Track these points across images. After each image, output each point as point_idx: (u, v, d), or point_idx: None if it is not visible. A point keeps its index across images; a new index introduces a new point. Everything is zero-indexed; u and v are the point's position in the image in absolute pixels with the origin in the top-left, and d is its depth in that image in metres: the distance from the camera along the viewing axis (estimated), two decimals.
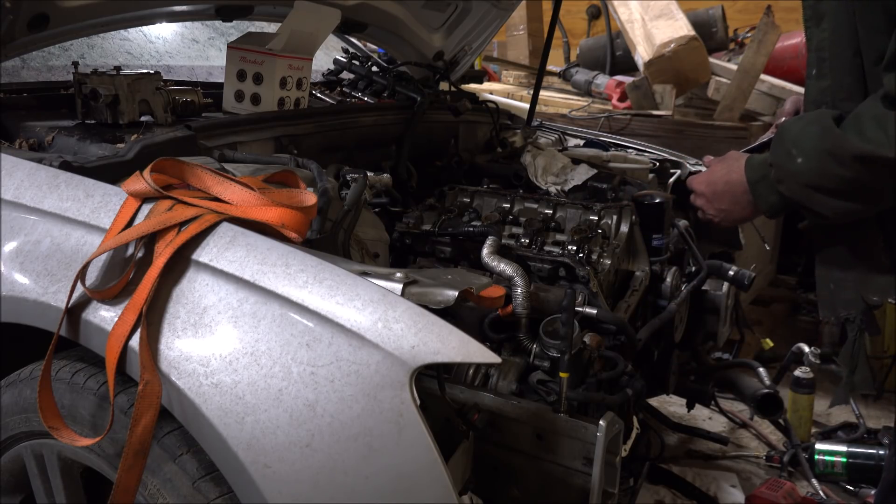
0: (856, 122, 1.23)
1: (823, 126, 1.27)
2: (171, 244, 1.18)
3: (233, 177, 1.31)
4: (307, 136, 2.00)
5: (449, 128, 2.56)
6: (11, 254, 1.31)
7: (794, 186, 1.32)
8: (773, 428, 2.99)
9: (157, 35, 2.62)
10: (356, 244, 1.65)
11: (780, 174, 1.33)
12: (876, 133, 1.19)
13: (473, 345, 1.07)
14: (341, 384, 1.06)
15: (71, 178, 1.34)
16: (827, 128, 1.26)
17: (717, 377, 2.26)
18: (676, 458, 2.82)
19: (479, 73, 3.71)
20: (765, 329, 3.60)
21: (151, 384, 1.12)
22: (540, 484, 1.33)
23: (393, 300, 1.09)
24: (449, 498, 1.04)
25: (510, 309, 1.58)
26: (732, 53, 4.45)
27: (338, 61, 2.68)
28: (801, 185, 1.30)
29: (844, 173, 1.24)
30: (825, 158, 1.25)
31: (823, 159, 1.26)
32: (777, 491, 2.46)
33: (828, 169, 1.25)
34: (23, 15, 1.66)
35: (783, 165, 1.33)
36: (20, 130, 1.63)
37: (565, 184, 2.26)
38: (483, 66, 4.77)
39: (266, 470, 1.07)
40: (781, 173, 1.33)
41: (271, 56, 1.99)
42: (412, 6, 2.63)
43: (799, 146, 1.30)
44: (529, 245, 1.85)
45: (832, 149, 1.24)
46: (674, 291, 1.98)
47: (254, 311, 1.13)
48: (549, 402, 1.34)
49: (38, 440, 1.37)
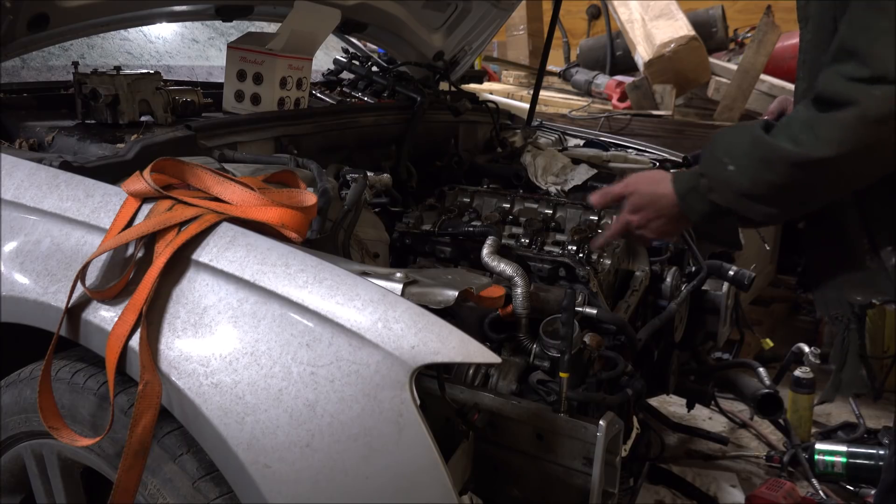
0: (786, 128, 1.26)
1: (753, 135, 1.30)
2: (171, 244, 1.18)
3: (233, 177, 1.31)
4: (307, 136, 2.00)
5: (449, 128, 2.56)
6: (11, 254, 1.31)
7: (727, 195, 1.33)
8: (773, 428, 2.99)
9: (157, 35, 2.62)
10: (356, 244, 1.65)
11: (712, 183, 1.35)
12: (806, 136, 1.21)
13: (473, 345, 1.07)
14: (341, 384, 1.06)
15: (71, 178, 1.34)
16: (757, 136, 1.29)
17: (717, 377, 2.26)
18: (676, 458, 2.82)
19: (479, 73, 3.71)
20: (765, 329, 3.60)
21: (151, 384, 1.12)
22: (540, 484, 1.33)
23: (393, 300, 1.09)
24: (449, 498, 1.04)
25: (510, 309, 1.58)
26: (732, 53, 4.46)
27: (338, 61, 2.68)
28: (733, 193, 1.32)
29: (776, 179, 1.26)
30: (757, 166, 1.28)
31: (755, 167, 1.28)
32: (777, 491, 2.46)
33: (760, 176, 1.28)
34: (23, 15, 1.66)
35: (715, 175, 1.35)
36: (20, 130, 1.63)
37: (565, 184, 2.26)
38: (483, 66, 4.77)
39: (266, 470, 1.07)
40: (713, 182, 1.35)
41: (271, 56, 1.99)
42: (412, 6, 2.63)
43: (731, 155, 1.32)
44: (529, 245, 1.85)
45: (764, 156, 1.27)
46: (674, 291, 1.98)
47: (254, 311, 1.13)
48: (549, 402, 1.34)
49: (38, 440, 1.37)
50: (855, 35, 1.19)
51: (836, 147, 1.19)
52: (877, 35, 1.16)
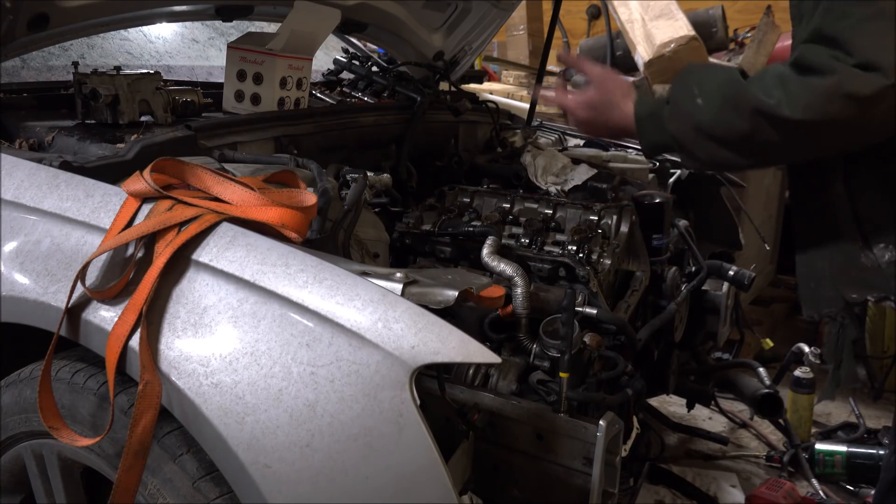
0: (760, 77, 1.27)
1: (729, 74, 1.31)
2: (171, 244, 1.18)
3: (233, 177, 1.31)
4: (307, 136, 2.00)
5: (449, 128, 2.56)
6: (11, 254, 1.31)
7: (685, 127, 1.34)
8: (773, 428, 2.99)
9: (157, 35, 2.62)
10: (356, 244, 1.65)
11: (675, 112, 1.36)
12: (776, 90, 1.21)
13: (473, 345, 1.07)
14: (341, 384, 1.06)
15: (71, 178, 1.34)
16: (732, 76, 1.30)
17: (717, 377, 2.26)
18: (676, 458, 2.82)
19: (479, 73, 3.71)
20: (765, 329, 3.60)
21: (151, 384, 1.12)
22: (540, 484, 1.33)
23: (393, 300, 1.09)
24: (449, 498, 1.05)
25: (510, 309, 1.58)
26: (732, 53, 4.45)
27: (338, 61, 2.68)
28: (691, 127, 1.33)
29: (737, 123, 1.27)
30: (725, 105, 1.28)
31: (723, 105, 1.28)
32: (777, 491, 2.46)
33: (724, 116, 1.28)
34: (23, 15, 1.66)
35: (681, 104, 1.35)
36: (20, 130, 1.63)
37: (565, 184, 2.26)
38: (483, 66, 4.76)
39: (266, 470, 1.07)
40: (676, 112, 1.35)
41: (271, 56, 1.99)
42: (412, 6, 2.63)
43: (702, 88, 1.32)
44: (529, 245, 1.85)
45: (733, 96, 1.27)
46: (674, 291, 1.98)
47: (254, 311, 1.13)
48: (549, 402, 1.34)
49: (38, 440, 1.37)
50: (833, 22, 1.19)
51: (801, 111, 1.19)
52: (857, 22, 1.17)
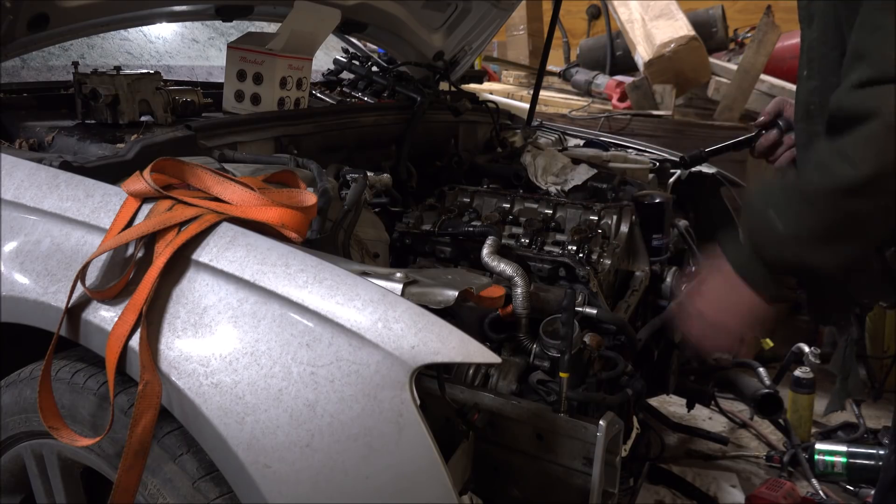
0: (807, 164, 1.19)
1: (781, 185, 1.22)
2: (171, 244, 1.18)
3: (233, 177, 1.31)
4: (307, 136, 2.00)
5: (449, 128, 2.56)
6: (11, 254, 1.31)
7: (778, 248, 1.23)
8: (773, 428, 2.99)
9: (157, 35, 2.62)
10: (356, 244, 1.65)
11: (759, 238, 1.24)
12: (837, 164, 1.12)
13: (473, 345, 1.07)
14: (341, 384, 1.06)
15: (71, 178, 1.34)
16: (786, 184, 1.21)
17: (717, 377, 2.26)
18: (676, 458, 2.82)
19: (479, 73, 3.71)
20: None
21: (151, 384, 1.12)
22: (540, 484, 1.33)
23: (393, 300, 1.09)
24: (449, 498, 1.04)
25: (510, 309, 1.58)
26: (732, 53, 4.45)
27: (338, 61, 2.68)
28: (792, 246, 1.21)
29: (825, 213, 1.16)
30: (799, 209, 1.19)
31: (798, 211, 1.19)
32: (777, 491, 2.46)
33: (805, 216, 1.18)
34: (23, 15, 1.66)
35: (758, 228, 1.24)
36: (20, 130, 1.63)
37: (565, 184, 2.26)
38: (483, 66, 4.77)
39: (266, 470, 1.07)
40: (760, 237, 1.24)
41: (271, 56, 1.99)
42: (412, 6, 2.63)
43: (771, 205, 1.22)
44: (529, 245, 1.85)
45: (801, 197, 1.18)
46: (674, 291, 1.98)
47: (254, 311, 1.13)
48: (549, 402, 1.34)
49: (38, 440, 1.37)
50: (866, 37, 1.14)
51: (873, 163, 1.09)
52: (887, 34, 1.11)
